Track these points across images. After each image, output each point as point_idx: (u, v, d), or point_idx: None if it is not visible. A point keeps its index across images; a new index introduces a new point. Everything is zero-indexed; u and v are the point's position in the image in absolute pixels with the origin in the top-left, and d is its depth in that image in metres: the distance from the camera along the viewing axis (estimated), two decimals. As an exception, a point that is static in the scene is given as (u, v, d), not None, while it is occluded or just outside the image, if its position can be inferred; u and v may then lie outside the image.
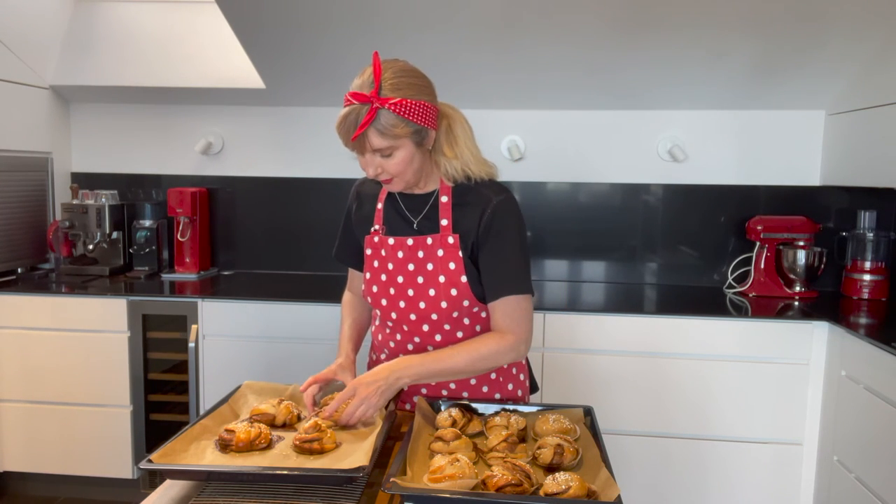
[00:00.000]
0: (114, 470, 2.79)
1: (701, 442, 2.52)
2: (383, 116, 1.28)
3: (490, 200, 1.41)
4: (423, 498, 1.03)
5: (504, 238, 1.41)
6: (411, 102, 1.30)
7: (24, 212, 3.06)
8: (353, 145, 1.32)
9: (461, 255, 1.42)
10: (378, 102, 1.27)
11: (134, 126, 3.30)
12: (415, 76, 1.34)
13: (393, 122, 1.29)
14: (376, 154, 1.33)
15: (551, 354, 2.54)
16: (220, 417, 1.34)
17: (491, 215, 1.41)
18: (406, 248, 1.45)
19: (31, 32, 2.92)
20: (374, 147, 1.31)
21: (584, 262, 3.15)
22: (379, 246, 1.49)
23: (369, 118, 1.27)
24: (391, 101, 1.28)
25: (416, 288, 1.45)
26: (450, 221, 1.44)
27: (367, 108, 1.27)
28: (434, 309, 1.45)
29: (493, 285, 1.42)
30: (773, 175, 3.00)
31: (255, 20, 2.57)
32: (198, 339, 2.71)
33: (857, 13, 2.34)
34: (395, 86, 1.30)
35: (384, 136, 1.30)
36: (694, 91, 2.86)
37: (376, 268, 1.50)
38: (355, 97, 1.29)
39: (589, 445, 1.24)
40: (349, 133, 1.30)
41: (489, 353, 1.40)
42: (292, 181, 3.24)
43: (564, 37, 2.57)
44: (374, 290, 1.51)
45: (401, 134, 1.31)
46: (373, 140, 1.30)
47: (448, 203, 1.44)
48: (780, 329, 2.45)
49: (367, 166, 1.36)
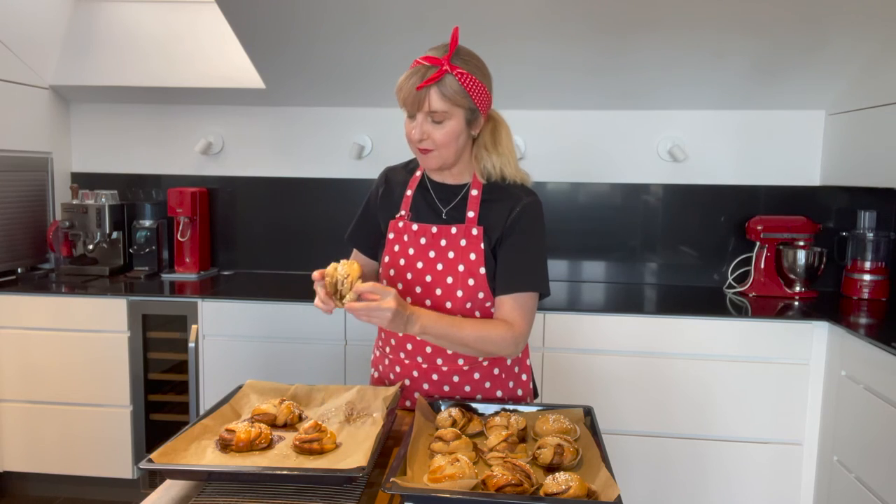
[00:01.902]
0: (114, 470, 2.79)
1: (701, 442, 2.52)
2: (448, 81, 1.35)
3: (520, 199, 1.47)
4: (423, 498, 1.03)
5: (527, 236, 1.46)
6: (475, 80, 1.38)
7: (24, 212, 3.06)
8: (413, 99, 1.36)
9: (483, 248, 1.46)
10: (448, 67, 1.35)
11: (134, 126, 3.30)
12: (482, 63, 1.44)
13: (456, 88, 1.36)
14: (428, 118, 1.38)
15: (551, 354, 2.54)
16: (222, 417, 1.34)
17: (519, 213, 1.46)
18: (429, 235, 1.49)
19: (31, 32, 2.92)
20: (432, 107, 1.36)
21: (584, 262, 3.15)
22: (402, 231, 1.52)
23: (438, 75, 1.34)
24: (459, 70, 1.36)
25: (434, 275, 1.48)
26: (476, 214, 1.48)
27: (436, 68, 1.35)
28: (449, 297, 1.47)
29: (508, 278, 1.45)
30: (773, 175, 3.00)
31: (255, 20, 2.57)
32: (198, 339, 2.71)
33: (857, 13, 2.34)
34: (465, 60, 1.39)
35: (444, 100, 1.36)
36: (694, 91, 2.86)
37: (396, 252, 1.52)
38: (428, 60, 1.37)
39: (589, 445, 1.24)
40: (414, 84, 1.35)
41: (496, 337, 1.42)
42: (292, 181, 3.24)
43: (565, 37, 2.57)
44: (391, 273, 1.53)
45: (459, 104, 1.37)
46: (433, 99, 1.36)
47: (478, 197, 1.49)
48: (780, 329, 2.45)
49: (413, 129, 1.40)
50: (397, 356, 1.56)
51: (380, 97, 3.00)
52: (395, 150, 3.06)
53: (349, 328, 2.64)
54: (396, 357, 1.56)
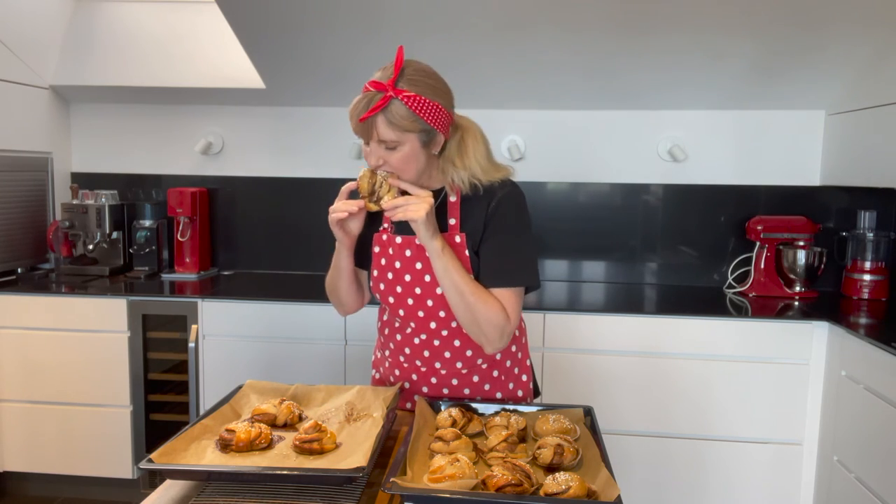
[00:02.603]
0: (114, 470, 2.79)
1: (701, 442, 2.52)
2: (395, 107, 1.29)
3: (495, 194, 1.43)
4: (423, 498, 1.03)
5: (507, 228, 1.42)
6: (425, 101, 1.31)
7: (24, 212, 3.06)
8: (361, 129, 1.32)
9: (468, 254, 1.43)
10: (393, 92, 1.28)
11: (134, 126, 3.30)
12: (435, 78, 1.35)
13: (403, 114, 1.29)
14: (381, 145, 1.34)
15: (551, 354, 2.54)
16: (222, 417, 1.34)
17: (495, 206, 1.42)
18: (414, 247, 1.45)
19: (31, 32, 2.92)
20: (381, 137, 1.32)
21: (584, 262, 3.15)
22: (387, 244, 1.49)
23: (381, 104, 1.28)
24: (405, 94, 1.29)
25: (423, 286, 1.46)
26: (458, 220, 1.44)
27: (380, 95, 1.28)
28: (442, 306, 1.45)
29: (491, 274, 1.42)
30: (772, 175, 3.00)
31: (255, 20, 2.57)
32: (198, 339, 2.71)
33: (857, 14, 2.34)
34: (412, 81, 1.31)
35: (392, 128, 1.30)
36: (694, 91, 2.86)
37: (383, 265, 1.50)
38: (373, 85, 1.30)
39: (589, 445, 1.24)
40: (359, 115, 1.30)
41: (490, 314, 1.38)
42: (292, 181, 3.24)
43: (565, 37, 2.57)
44: (381, 287, 1.51)
45: (409, 129, 1.31)
46: (380, 129, 1.31)
47: (457, 202, 1.45)
48: (780, 329, 2.45)
49: (369, 156, 1.37)
50: (396, 359, 1.56)
51: (380, 97, 2.99)
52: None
53: (349, 328, 2.64)
54: (396, 360, 1.56)
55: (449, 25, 2.52)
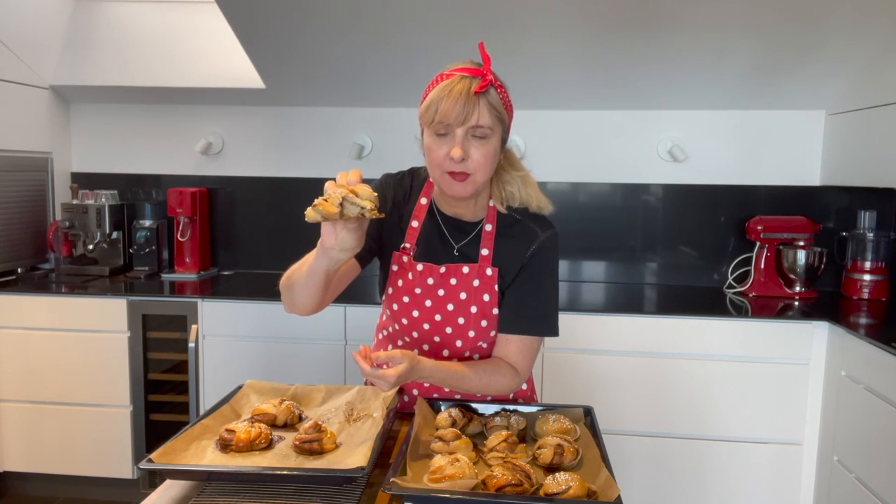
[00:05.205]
0: (114, 470, 2.79)
1: (701, 442, 2.52)
2: (492, 94, 1.25)
3: (536, 235, 1.38)
4: (423, 498, 1.03)
5: (542, 275, 1.38)
6: (508, 97, 1.29)
7: (24, 212, 3.06)
8: (460, 110, 1.21)
9: (497, 289, 1.38)
10: (493, 77, 1.25)
11: (134, 126, 3.30)
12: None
13: (497, 103, 1.25)
14: (470, 133, 1.24)
15: (551, 354, 2.54)
16: (221, 417, 1.34)
17: (536, 250, 1.38)
18: (438, 276, 1.40)
19: (31, 32, 2.92)
20: (480, 121, 1.23)
21: (584, 262, 3.15)
22: (406, 267, 1.42)
23: (485, 84, 1.22)
24: (499, 83, 1.27)
25: (444, 314, 1.41)
26: (490, 252, 1.39)
27: (479, 79, 1.23)
28: (460, 336, 1.42)
29: (518, 319, 1.38)
30: (772, 175, 3.00)
31: (255, 20, 2.57)
32: (198, 339, 2.71)
33: (856, 13, 2.34)
34: (497, 77, 1.28)
35: (491, 112, 1.24)
36: (694, 91, 2.86)
37: (400, 286, 1.43)
38: (466, 70, 1.24)
39: (589, 445, 1.24)
40: (460, 92, 1.20)
41: (500, 386, 1.37)
42: (292, 181, 3.24)
43: (565, 37, 2.57)
44: (394, 307, 1.45)
45: (501, 119, 1.27)
46: (483, 111, 1.22)
47: (492, 232, 1.39)
48: (780, 329, 2.45)
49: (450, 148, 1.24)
50: None
51: (380, 97, 2.99)
52: (394, 151, 3.06)
53: (349, 328, 2.64)
54: None
55: (449, 25, 2.52)
